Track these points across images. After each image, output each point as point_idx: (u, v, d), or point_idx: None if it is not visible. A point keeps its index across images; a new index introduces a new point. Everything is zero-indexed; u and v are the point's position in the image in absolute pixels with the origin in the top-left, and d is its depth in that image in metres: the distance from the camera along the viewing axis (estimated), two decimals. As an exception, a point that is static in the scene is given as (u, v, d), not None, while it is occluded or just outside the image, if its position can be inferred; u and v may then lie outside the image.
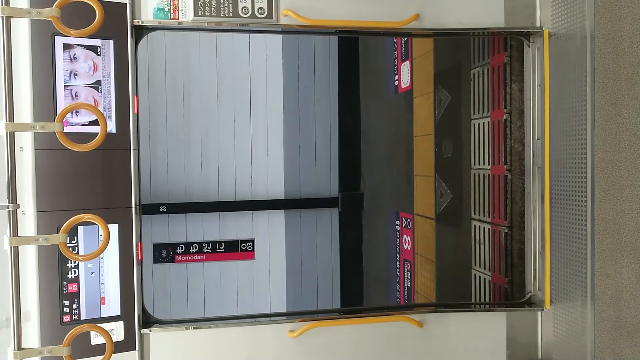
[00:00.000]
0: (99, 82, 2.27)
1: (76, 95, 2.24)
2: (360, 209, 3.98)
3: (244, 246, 3.82)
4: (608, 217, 2.34)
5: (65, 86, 2.22)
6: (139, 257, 2.39)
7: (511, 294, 2.82)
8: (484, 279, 3.07)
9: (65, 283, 2.23)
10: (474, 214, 3.16)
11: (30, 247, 2.16)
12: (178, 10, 2.39)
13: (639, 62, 2.32)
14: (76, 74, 2.23)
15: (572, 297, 2.40)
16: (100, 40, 2.26)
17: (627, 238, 2.36)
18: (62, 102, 2.20)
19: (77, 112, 2.23)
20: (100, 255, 2.21)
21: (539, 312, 2.65)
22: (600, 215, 2.33)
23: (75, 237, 2.25)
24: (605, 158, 2.33)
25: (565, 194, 2.44)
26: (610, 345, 2.35)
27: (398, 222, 3.70)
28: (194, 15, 2.38)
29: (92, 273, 2.28)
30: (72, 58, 2.23)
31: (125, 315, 2.32)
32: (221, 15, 2.41)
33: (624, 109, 2.33)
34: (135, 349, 2.34)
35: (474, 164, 3.15)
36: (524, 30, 2.63)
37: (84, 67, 2.25)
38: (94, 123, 2.24)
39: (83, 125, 2.25)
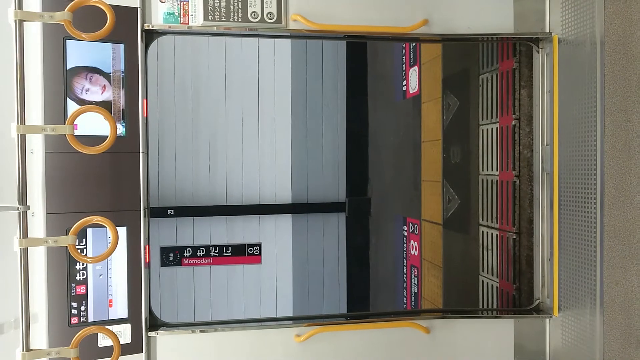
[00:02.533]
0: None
1: (91, 80, 2.26)
2: (367, 214, 3.97)
3: (250, 250, 3.82)
4: (618, 224, 2.32)
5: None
6: (147, 260, 2.40)
7: (519, 300, 2.80)
8: (492, 285, 3.05)
9: (73, 285, 2.24)
10: (482, 220, 3.15)
11: (40, 249, 2.17)
12: (188, 15, 2.41)
13: (649, 69, 2.30)
14: (88, 90, 2.27)
15: (581, 305, 2.38)
16: (111, 44, 2.27)
17: (637, 245, 2.34)
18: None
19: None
20: (109, 258, 2.22)
21: (547, 320, 2.63)
22: (609, 222, 2.31)
23: (84, 239, 2.26)
24: (615, 165, 2.32)
25: (574, 201, 2.43)
26: (620, 353, 2.32)
27: (405, 228, 3.69)
28: (204, 20, 2.40)
29: (100, 275, 2.29)
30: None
31: (133, 317, 2.33)
32: (231, 20, 2.42)
33: (634, 115, 2.31)
34: (142, 352, 2.35)
35: (482, 170, 3.14)
36: (533, 36, 2.62)
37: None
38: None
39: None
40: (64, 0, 2.14)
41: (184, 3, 2.40)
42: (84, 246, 2.26)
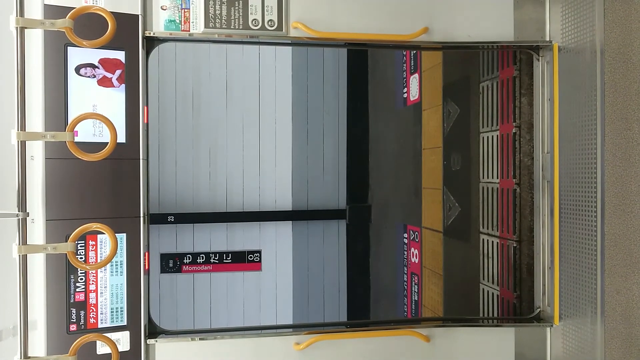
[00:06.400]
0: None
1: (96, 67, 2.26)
2: (368, 221, 3.97)
3: (250, 257, 3.81)
4: (618, 232, 2.32)
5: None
6: (146, 267, 2.39)
7: (520, 309, 2.79)
8: (493, 293, 3.04)
9: (72, 292, 2.24)
10: (483, 227, 3.14)
11: (39, 256, 2.17)
12: (189, 22, 2.42)
13: (649, 77, 2.31)
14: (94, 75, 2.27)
15: (582, 313, 2.37)
16: (112, 51, 2.28)
17: (637, 254, 2.33)
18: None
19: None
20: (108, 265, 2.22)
21: (548, 328, 2.62)
22: (610, 231, 2.30)
23: (94, 245, 2.26)
24: (616, 173, 2.31)
25: (574, 209, 2.42)
26: (621, 362, 2.31)
27: (406, 235, 3.68)
28: (205, 27, 2.41)
29: (100, 282, 2.28)
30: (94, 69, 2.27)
31: (132, 325, 2.32)
32: (231, 27, 2.43)
33: (634, 123, 2.32)
34: (141, 359, 2.33)
35: (483, 178, 3.14)
36: (533, 44, 2.63)
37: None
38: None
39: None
40: (65, 8, 2.15)
41: (185, 10, 2.41)
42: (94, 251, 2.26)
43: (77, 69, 2.24)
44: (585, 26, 2.35)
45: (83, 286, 2.26)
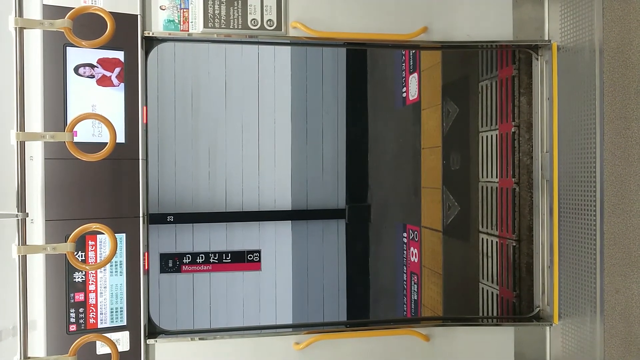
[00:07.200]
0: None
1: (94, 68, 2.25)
2: (367, 221, 3.97)
3: (250, 257, 3.81)
4: (617, 231, 2.32)
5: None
6: (146, 267, 2.39)
7: (519, 308, 2.79)
8: (492, 292, 3.05)
9: (72, 292, 2.24)
10: (482, 227, 3.15)
11: (38, 256, 2.17)
12: (188, 22, 2.42)
13: (648, 76, 2.31)
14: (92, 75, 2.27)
15: (581, 312, 2.38)
16: (111, 51, 2.28)
17: (637, 253, 2.34)
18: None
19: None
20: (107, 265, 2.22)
21: (548, 327, 2.62)
22: (609, 230, 2.31)
23: (94, 246, 2.26)
24: (615, 172, 2.32)
25: (574, 208, 2.42)
26: (620, 361, 2.31)
27: (405, 235, 3.68)
28: (204, 27, 2.41)
29: (99, 282, 2.28)
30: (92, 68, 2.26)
31: (131, 325, 2.32)
32: (230, 27, 2.43)
33: (633, 122, 2.32)
34: (140, 359, 2.34)
35: (482, 177, 3.14)
36: (532, 44, 2.63)
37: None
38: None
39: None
40: (64, 8, 2.15)
41: (184, 10, 2.41)
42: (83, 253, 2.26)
43: (76, 69, 2.24)
44: (584, 25, 2.35)
45: (83, 286, 2.25)
